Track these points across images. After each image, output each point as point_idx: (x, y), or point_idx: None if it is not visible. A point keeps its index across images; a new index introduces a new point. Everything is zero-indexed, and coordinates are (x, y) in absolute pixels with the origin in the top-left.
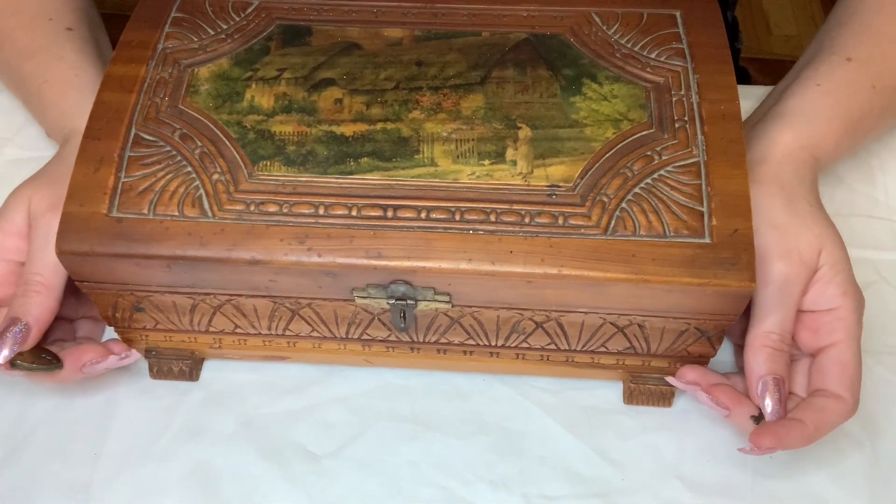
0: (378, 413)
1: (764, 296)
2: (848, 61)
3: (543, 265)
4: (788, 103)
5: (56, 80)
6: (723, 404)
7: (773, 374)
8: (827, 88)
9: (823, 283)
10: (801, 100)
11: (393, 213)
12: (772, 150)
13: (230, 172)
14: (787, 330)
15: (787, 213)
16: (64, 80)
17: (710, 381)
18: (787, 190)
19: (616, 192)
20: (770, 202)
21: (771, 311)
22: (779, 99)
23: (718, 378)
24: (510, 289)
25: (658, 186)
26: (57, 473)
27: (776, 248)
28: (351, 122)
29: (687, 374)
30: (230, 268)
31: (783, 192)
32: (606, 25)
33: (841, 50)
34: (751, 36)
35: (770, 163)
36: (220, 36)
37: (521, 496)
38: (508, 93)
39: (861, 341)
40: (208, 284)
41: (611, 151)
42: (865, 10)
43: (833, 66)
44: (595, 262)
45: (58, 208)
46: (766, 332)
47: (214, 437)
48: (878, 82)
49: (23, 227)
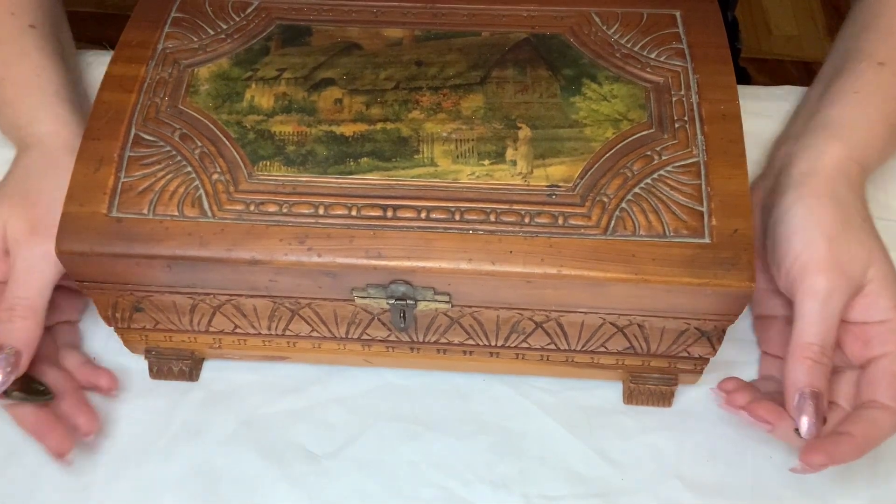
0: (378, 413)
1: (807, 307)
2: (880, 66)
3: (543, 265)
4: (830, 113)
5: (16, 78)
6: (763, 419)
7: (811, 386)
8: (865, 95)
9: (875, 296)
10: (842, 108)
11: (393, 213)
12: (822, 163)
13: (230, 172)
14: (828, 343)
15: (842, 227)
16: (24, 78)
17: (747, 398)
18: (843, 205)
19: (616, 192)
20: (825, 215)
21: (813, 322)
22: (817, 109)
23: (754, 391)
24: (510, 289)
25: (658, 186)
26: (57, 473)
27: (825, 261)
28: (351, 122)
29: (737, 399)
30: (230, 268)
31: (839, 207)
32: (606, 25)
33: (872, 54)
34: (751, 36)
35: (821, 176)
36: (220, 36)
37: (521, 496)
38: (508, 93)
39: None
40: (208, 284)
41: (611, 151)
42: (889, 10)
43: (865, 72)
44: (595, 262)
45: (37, 230)
46: (808, 343)
47: (214, 437)
48: None
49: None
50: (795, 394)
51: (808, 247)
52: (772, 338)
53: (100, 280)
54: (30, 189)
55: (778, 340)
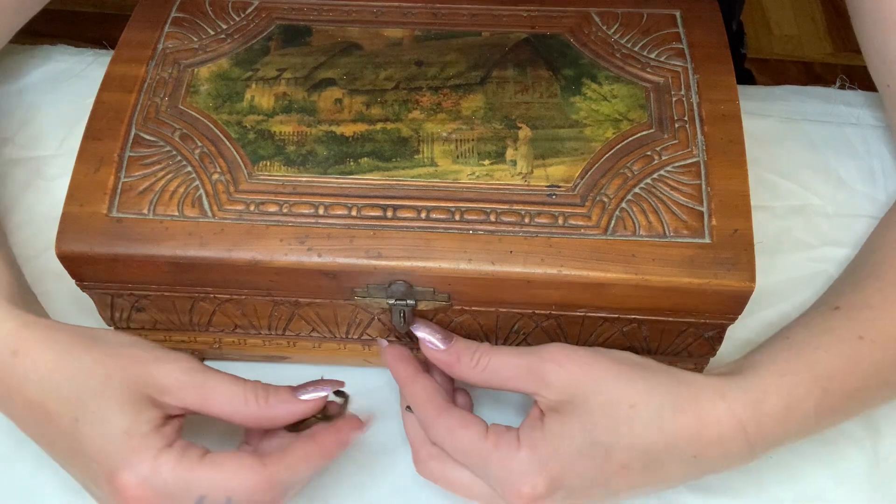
0: (378, 413)
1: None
2: (835, 310)
3: (543, 265)
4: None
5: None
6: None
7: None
8: (793, 340)
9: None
10: (760, 354)
11: (393, 213)
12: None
13: (230, 172)
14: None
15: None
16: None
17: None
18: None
19: (616, 192)
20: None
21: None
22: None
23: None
24: (510, 289)
25: (658, 187)
26: (57, 473)
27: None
28: (351, 122)
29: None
30: (230, 268)
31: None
32: (606, 26)
33: (832, 299)
34: (751, 36)
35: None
36: (220, 36)
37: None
38: (508, 93)
39: None
40: (208, 284)
41: (611, 151)
42: (876, 255)
43: (812, 316)
44: (595, 263)
45: (165, 359)
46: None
47: (214, 437)
48: (867, 332)
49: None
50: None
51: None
52: None
53: (100, 280)
54: (104, 337)
55: None
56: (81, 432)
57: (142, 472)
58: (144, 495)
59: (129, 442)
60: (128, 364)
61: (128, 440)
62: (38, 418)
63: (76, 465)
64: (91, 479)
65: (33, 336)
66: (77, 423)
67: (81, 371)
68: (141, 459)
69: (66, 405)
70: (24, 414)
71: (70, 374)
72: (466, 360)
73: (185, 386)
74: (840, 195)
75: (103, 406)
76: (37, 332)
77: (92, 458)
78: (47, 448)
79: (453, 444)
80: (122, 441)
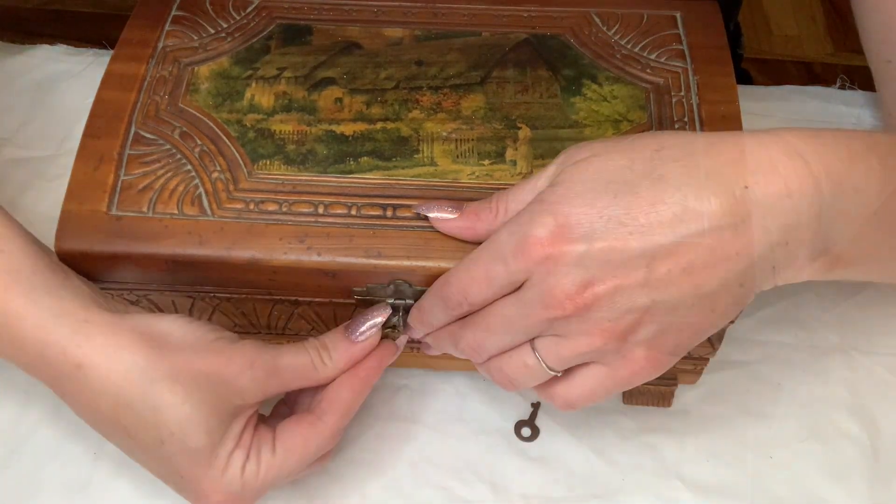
0: (378, 413)
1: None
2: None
3: None
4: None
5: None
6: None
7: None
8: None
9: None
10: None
11: (392, 212)
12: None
13: (230, 171)
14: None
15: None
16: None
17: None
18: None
19: None
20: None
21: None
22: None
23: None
24: None
25: None
26: (57, 473)
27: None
28: (351, 122)
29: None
30: (229, 266)
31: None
32: (606, 26)
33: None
34: (751, 36)
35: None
36: (221, 35)
37: (521, 496)
38: (508, 93)
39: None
40: (207, 283)
41: None
42: None
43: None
44: None
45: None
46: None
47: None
48: None
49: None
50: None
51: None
52: None
53: (99, 279)
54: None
55: None
56: (168, 455)
57: (233, 490)
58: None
59: (216, 463)
60: (204, 384)
61: (215, 461)
62: (120, 434)
63: (162, 476)
64: (179, 489)
65: (92, 346)
66: (163, 447)
67: (160, 397)
68: (230, 480)
69: (148, 429)
70: (105, 429)
71: (143, 395)
72: (486, 214)
73: (260, 381)
74: None
75: (189, 431)
76: (97, 338)
77: (181, 477)
78: (127, 453)
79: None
80: (211, 464)
